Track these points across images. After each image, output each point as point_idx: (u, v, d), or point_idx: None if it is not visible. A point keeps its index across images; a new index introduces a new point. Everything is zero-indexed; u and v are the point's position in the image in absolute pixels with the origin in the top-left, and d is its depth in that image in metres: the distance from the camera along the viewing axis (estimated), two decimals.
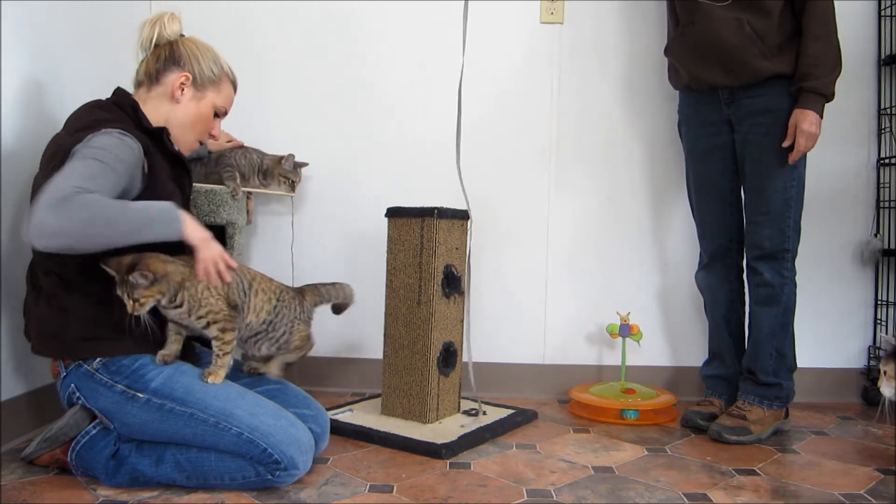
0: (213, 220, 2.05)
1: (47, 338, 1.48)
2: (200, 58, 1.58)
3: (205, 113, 1.60)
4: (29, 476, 1.49)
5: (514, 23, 2.40)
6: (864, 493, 1.54)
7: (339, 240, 2.42)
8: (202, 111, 1.60)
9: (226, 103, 1.64)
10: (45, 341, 1.49)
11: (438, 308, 1.93)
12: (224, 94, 1.63)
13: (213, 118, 1.63)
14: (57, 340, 1.46)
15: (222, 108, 1.64)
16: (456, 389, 2.03)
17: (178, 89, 1.56)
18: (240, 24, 2.38)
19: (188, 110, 1.58)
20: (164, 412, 1.43)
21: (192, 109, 1.58)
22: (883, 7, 2.39)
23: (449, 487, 1.51)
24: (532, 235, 2.43)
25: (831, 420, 2.17)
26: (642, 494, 1.50)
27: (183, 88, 1.56)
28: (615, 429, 2.02)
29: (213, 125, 1.65)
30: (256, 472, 1.43)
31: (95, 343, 1.45)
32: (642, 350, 2.38)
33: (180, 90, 1.56)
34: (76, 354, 1.46)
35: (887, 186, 2.40)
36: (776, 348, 1.98)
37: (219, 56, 1.62)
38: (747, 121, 1.96)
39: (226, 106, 1.65)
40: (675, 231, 2.42)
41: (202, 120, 1.61)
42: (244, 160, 2.11)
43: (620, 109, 2.43)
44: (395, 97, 2.40)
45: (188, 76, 1.56)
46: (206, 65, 1.58)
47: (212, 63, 1.59)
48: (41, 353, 1.51)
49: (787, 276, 1.96)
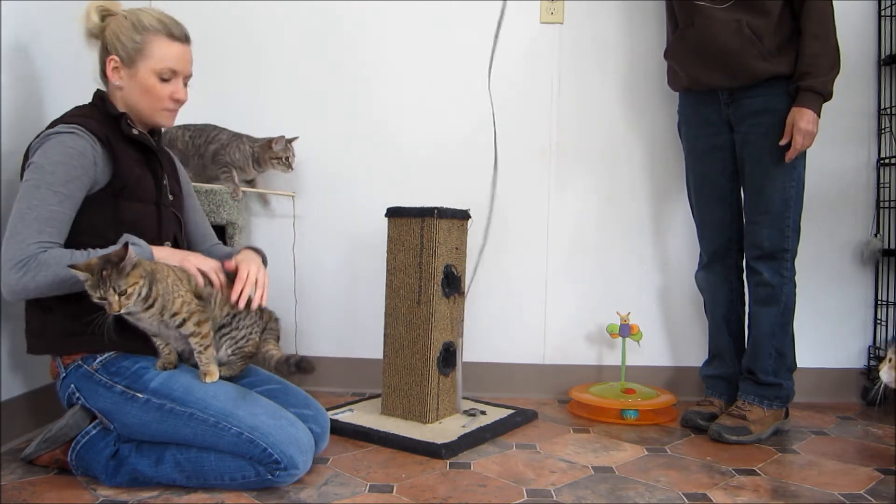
0: (213, 220, 2.05)
1: (33, 335, 1.51)
2: (120, 34, 1.51)
3: (147, 84, 1.53)
4: (29, 476, 1.49)
5: (514, 23, 2.40)
6: (864, 493, 1.54)
7: (340, 239, 2.42)
8: (143, 83, 1.53)
9: (165, 63, 1.52)
10: (31, 338, 1.51)
11: (438, 308, 1.93)
12: (157, 56, 1.51)
13: (162, 84, 1.54)
14: (40, 337, 1.49)
15: (165, 70, 1.53)
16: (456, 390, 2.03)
17: (113, 75, 1.53)
18: (240, 24, 2.38)
19: (131, 88, 1.54)
20: (163, 412, 1.43)
21: (133, 87, 1.54)
22: (883, 7, 2.39)
23: (449, 487, 1.51)
24: (532, 235, 2.43)
25: (831, 420, 2.17)
26: (642, 494, 1.50)
27: (118, 73, 1.53)
28: (615, 429, 2.02)
29: (170, 90, 1.55)
30: (256, 472, 1.43)
31: (74, 339, 1.45)
32: (642, 350, 2.38)
33: (115, 75, 1.53)
34: (56, 350, 1.49)
35: (887, 186, 2.39)
36: (776, 348, 1.98)
37: (145, 19, 1.52)
38: (747, 121, 1.96)
39: (167, 65, 1.52)
40: (675, 231, 2.42)
41: (150, 90, 1.53)
42: (238, 153, 2.13)
43: (620, 109, 2.43)
44: (397, 97, 2.40)
45: (115, 58, 1.52)
46: (127, 38, 1.51)
47: (133, 33, 1.50)
48: (30, 351, 1.52)
49: (787, 275, 1.96)
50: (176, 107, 1.59)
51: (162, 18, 1.54)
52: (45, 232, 1.37)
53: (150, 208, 1.56)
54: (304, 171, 2.40)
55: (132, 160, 1.53)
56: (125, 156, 1.51)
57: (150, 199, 1.57)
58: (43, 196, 1.38)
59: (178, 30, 1.56)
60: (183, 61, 1.57)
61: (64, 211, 1.40)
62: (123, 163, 1.50)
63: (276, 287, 2.40)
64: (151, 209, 1.56)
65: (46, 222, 1.37)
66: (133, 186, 1.51)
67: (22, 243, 1.35)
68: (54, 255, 1.37)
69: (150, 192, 1.57)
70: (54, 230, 1.39)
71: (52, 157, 1.40)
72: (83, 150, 1.43)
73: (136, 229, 1.50)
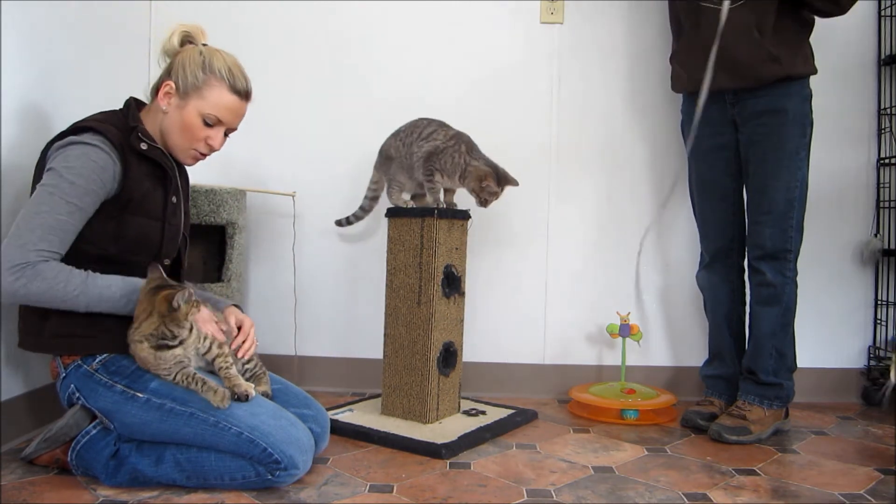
0: (213, 220, 2.05)
1: (29, 332, 1.50)
2: (187, 65, 1.52)
3: (189, 121, 1.53)
4: (29, 476, 1.49)
5: (514, 23, 2.40)
6: (864, 493, 1.54)
7: (340, 239, 2.42)
8: (186, 119, 1.53)
9: (215, 109, 1.53)
10: (26, 335, 1.51)
11: (438, 308, 1.93)
12: (211, 100, 1.52)
13: (204, 127, 1.54)
14: (36, 335, 1.48)
15: (212, 116, 1.53)
16: (456, 389, 2.03)
17: (164, 98, 1.54)
18: (248, 25, 2.37)
19: (173, 118, 1.54)
20: (163, 412, 1.43)
21: (176, 117, 1.54)
22: (883, 7, 2.39)
23: (449, 487, 1.51)
24: (532, 235, 2.43)
25: (831, 420, 2.17)
26: (642, 494, 1.50)
27: (169, 98, 1.54)
28: (615, 429, 2.02)
29: (208, 134, 1.55)
30: (256, 472, 1.43)
31: (68, 339, 1.45)
32: (642, 350, 2.38)
33: (166, 100, 1.54)
34: (51, 349, 1.49)
35: (887, 186, 2.40)
36: (776, 348, 1.98)
37: (216, 63, 1.53)
38: (752, 121, 1.96)
39: (216, 113, 1.53)
40: (675, 231, 2.42)
41: (189, 128, 1.54)
42: (450, 163, 1.93)
43: (621, 109, 2.43)
44: (398, 98, 2.40)
45: (171, 84, 1.53)
46: (191, 71, 1.52)
47: (197, 69, 1.51)
48: (23, 347, 1.52)
49: (789, 276, 1.96)
50: (207, 152, 1.59)
51: (232, 68, 1.54)
52: (46, 240, 1.37)
53: (155, 224, 1.55)
54: (304, 171, 2.40)
55: (143, 174, 1.52)
56: (136, 169, 1.50)
57: (156, 216, 1.55)
58: (54, 204, 1.38)
59: (242, 84, 1.56)
60: (232, 114, 1.57)
61: (71, 222, 1.40)
62: (133, 176, 1.49)
63: (276, 287, 2.41)
64: (156, 225, 1.55)
65: (51, 230, 1.37)
66: (139, 200, 1.50)
67: (23, 248, 1.35)
68: (52, 268, 1.36)
69: (156, 208, 1.55)
70: (56, 239, 1.38)
71: (74, 168, 1.40)
72: (105, 165, 1.44)
73: (137, 244, 1.51)
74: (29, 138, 1.70)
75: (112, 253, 1.46)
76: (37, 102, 1.76)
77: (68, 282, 1.37)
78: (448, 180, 1.96)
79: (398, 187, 2.03)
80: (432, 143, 1.96)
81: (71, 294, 1.37)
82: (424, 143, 1.97)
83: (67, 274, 1.38)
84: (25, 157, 1.66)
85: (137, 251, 1.51)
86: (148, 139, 1.53)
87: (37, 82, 1.76)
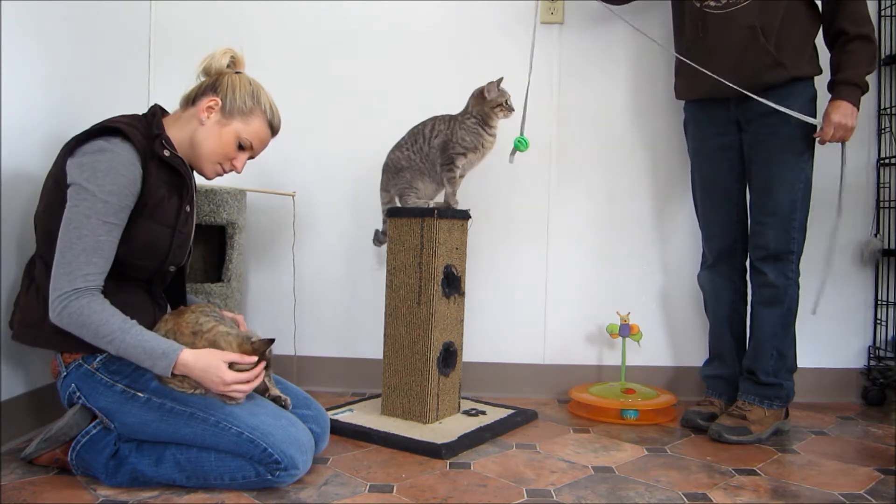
0: (213, 220, 2.05)
1: (28, 325, 1.49)
2: (237, 89, 1.58)
3: (226, 140, 1.58)
4: (29, 476, 1.49)
5: (514, 23, 2.40)
6: (864, 493, 1.54)
7: (340, 239, 2.42)
8: (224, 137, 1.58)
9: (253, 137, 1.61)
10: (25, 328, 1.50)
11: (438, 308, 1.93)
12: (252, 128, 1.60)
13: (236, 149, 1.60)
14: (36, 329, 1.48)
15: (248, 141, 1.60)
16: (456, 389, 2.03)
17: (205, 111, 1.56)
18: (248, 24, 2.37)
19: (210, 133, 1.57)
20: (164, 411, 1.43)
21: (213, 133, 1.57)
22: (883, 7, 2.39)
23: (449, 487, 1.51)
24: (532, 235, 2.43)
25: (831, 420, 2.17)
26: (642, 494, 1.50)
27: (210, 112, 1.57)
28: (615, 429, 2.02)
29: (236, 156, 1.61)
30: (256, 472, 1.43)
31: (69, 336, 1.45)
32: (642, 350, 2.38)
33: (207, 112, 1.56)
34: (51, 344, 1.49)
35: (887, 186, 2.39)
36: (777, 349, 1.97)
37: (262, 97, 1.62)
38: (756, 121, 1.95)
39: (252, 140, 1.61)
40: (676, 231, 2.42)
41: (223, 146, 1.58)
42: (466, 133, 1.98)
43: (621, 109, 2.43)
44: (399, 98, 2.40)
45: (217, 101, 1.56)
46: (241, 96, 1.58)
47: (247, 97, 1.59)
48: (20, 340, 1.52)
49: (791, 277, 1.96)
50: (228, 171, 1.64)
51: (273, 106, 1.65)
52: (91, 263, 1.40)
53: (166, 231, 1.55)
54: (304, 171, 2.40)
55: (161, 181, 1.52)
56: (155, 175, 1.50)
57: (168, 223, 1.55)
58: (93, 226, 1.40)
59: (277, 122, 1.67)
60: (262, 145, 1.66)
61: (111, 240, 1.43)
62: (151, 181, 1.49)
63: (276, 287, 2.41)
64: (166, 232, 1.55)
65: (94, 252, 1.40)
66: (153, 206, 1.50)
67: (70, 275, 1.38)
68: (94, 308, 1.38)
69: (169, 216, 1.55)
70: (101, 259, 1.41)
71: (105, 187, 1.41)
72: (135, 178, 1.45)
73: (145, 249, 1.51)
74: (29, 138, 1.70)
75: (119, 255, 1.45)
76: (37, 102, 1.76)
77: (103, 324, 1.38)
78: (473, 154, 1.99)
79: (414, 194, 2.04)
80: (441, 138, 1.99)
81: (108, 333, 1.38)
82: (434, 140, 2.00)
83: (108, 318, 1.39)
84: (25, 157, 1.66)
85: (145, 256, 1.51)
86: (171, 147, 1.54)
87: (37, 82, 1.76)
